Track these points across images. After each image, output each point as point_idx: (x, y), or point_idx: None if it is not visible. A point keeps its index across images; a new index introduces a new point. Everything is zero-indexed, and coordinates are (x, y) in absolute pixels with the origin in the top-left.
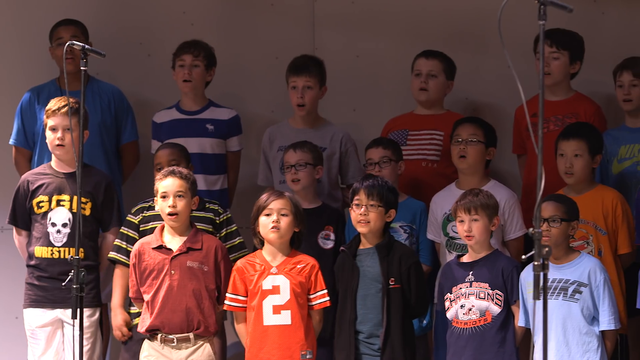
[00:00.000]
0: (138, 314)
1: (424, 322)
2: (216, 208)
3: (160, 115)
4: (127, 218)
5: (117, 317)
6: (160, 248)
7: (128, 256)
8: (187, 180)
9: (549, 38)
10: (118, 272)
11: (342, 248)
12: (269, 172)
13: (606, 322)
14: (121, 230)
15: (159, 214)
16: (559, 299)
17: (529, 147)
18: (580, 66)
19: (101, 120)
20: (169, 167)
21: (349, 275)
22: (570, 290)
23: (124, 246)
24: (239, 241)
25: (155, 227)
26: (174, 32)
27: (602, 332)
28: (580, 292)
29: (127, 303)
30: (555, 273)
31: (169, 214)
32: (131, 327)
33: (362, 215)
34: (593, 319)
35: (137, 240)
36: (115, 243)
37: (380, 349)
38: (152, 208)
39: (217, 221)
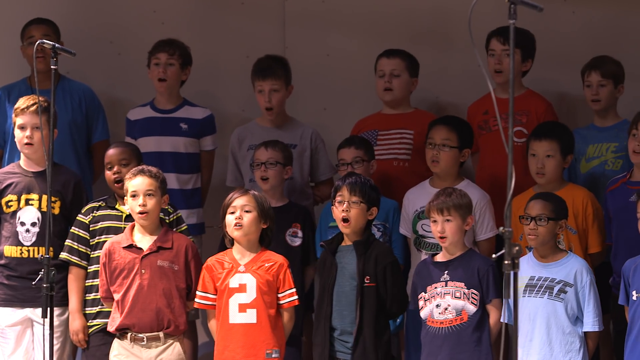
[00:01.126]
0: (93, 315)
1: (397, 320)
2: (166, 207)
3: (134, 112)
4: (78, 218)
5: (75, 322)
6: (131, 247)
7: (80, 257)
8: (157, 179)
9: (502, 35)
10: (72, 276)
11: (321, 243)
12: (238, 173)
13: (590, 323)
14: (72, 230)
15: (109, 214)
16: (544, 297)
17: (481, 145)
18: (532, 64)
19: (72, 119)
20: (119, 166)
21: (327, 271)
22: (555, 289)
23: (75, 247)
24: (187, 236)
25: (105, 226)
26: (145, 31)
27: (585, 332)
28: (566, 292)
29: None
30: (541, 271)
31: (139, 213)
32: (89, 333)
33: (344, 211)
34: (576, 319)
35: (87, 240)
36: (66, 243)
37: (352, 346)
38: (102, 208)
39: (167, 220)
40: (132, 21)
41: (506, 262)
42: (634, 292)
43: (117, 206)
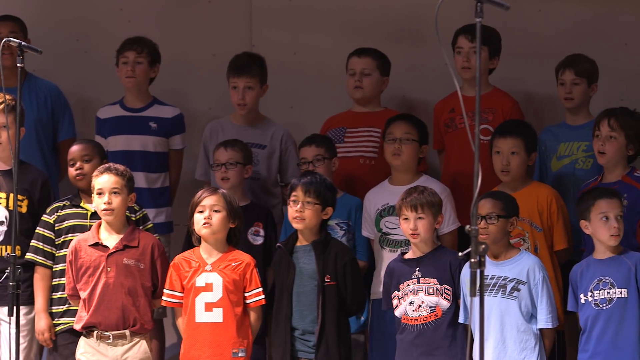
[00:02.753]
0: (60, 314)
1: (362, 318)
2: (132, 205)
3: (104, 111)
4: (43, 218)
5: (41, 322)
6: (97, 245)
7: (45, 257)
8: (124, 177)
9: (469, 33)
10: (37, 276)
11: (278, 244)
12: (207, 167)
13: (544, 320)
14: (37, 230)
15: (74, 212)
16: (498, 296)
17: (447, 143)
18: (498, 62)
19: (38, 118)
20: (82, 162)
21: (285, 272)
22: (508, 287)
23: (41, 247)
24: (153, 235)
25: (71, 225)
26: (111, 29)
27: (541, 330)
28: (519, 290)
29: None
30: (494, 270)
31: (104, 210)
32: (56, 332)
33: (298, 211)
34: (532, 317)
35: (53, 240)
36: (31, 244)
37: (315, 345)
38: (67, 207)
39: (134, 218)
40: (98, 19)
41: (472, 260)
42: (581, 296)
43: (81, 204)
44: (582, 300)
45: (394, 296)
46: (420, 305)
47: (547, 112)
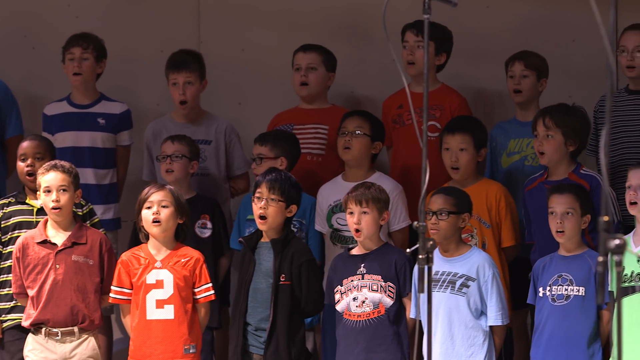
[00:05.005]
0: (7, 310)
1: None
2: (78, 201)
3: (50, 107)
4: None
5: None
6: (45, 242)
7: None
8: (70, 174)
9: (415, 27)
10: None
11: (240, 239)
12: (153, 167)
13: (494, 317)
14: None
15: (20, 209)
16: (447, 292)
17: (395, 139)
18: (447, 59)
19: None
20: (33, 159)
21: (245, 267)
22: (458, 283)
23: None
24: (102, 232)
25: (17, 222)
26: (59, 24)
27: (491, 327)
28: (468, 286)
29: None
30: (444, 266)
31: (53, 208)
32: (3, 329)
33: (262, 208)
34: (481, 313)
35: None
36: None
37: (265, 342)
38: (12, 204)
39: (80, 213)
40: (46, 15)
41: (420, 256)
42: (540, 289)
43: (27, 200)
44: (540, 294)
45: (337, 290)
46: (363, 302)
47: (497, 108)
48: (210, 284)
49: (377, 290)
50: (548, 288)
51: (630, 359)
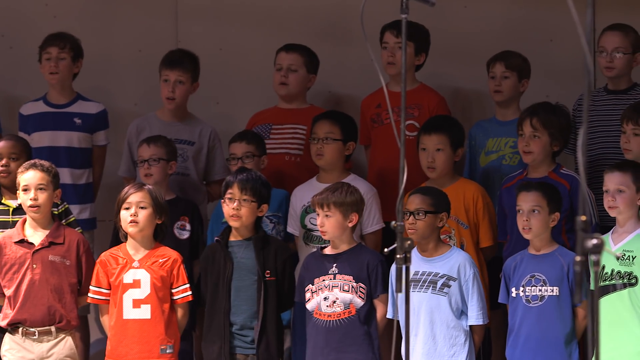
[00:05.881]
0: None
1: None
2: (56, 201)
3: (27, 107)
4: None
5: None
6: (22, 242)
7: None
8: (49, 174)
9: (395, 28)
10: None
11: (216, 238)
12: (131, 164)
13: (474, 316)
14: None
15: None
16: (428, 292)
17: (373, 138)
18: (425, 59)
19: None
20: (8, 159)
21: (221, 267)
22: (439, 283)
23: None
24: (78, 232)
25: None
26: (37, 24)
27: (471, 326)
28: (449, 286)
29: None
30: (424, 266)
31: (30, 207)
32: None
33: (235, 209)
34: (461, 313)
35: None
36: None
37: (253, 340)
38: None
39: (56, 212)
40: (24, 14)
41: (398, 256)
42: (513, 289)
43: (3, 201)
44: (513, 294)
45: (307, 289)
46: (334, 302)
47: (475, 108)
48: (187, 285)
49: (349, 291)
50: (521, 289)
51: (613, 357)
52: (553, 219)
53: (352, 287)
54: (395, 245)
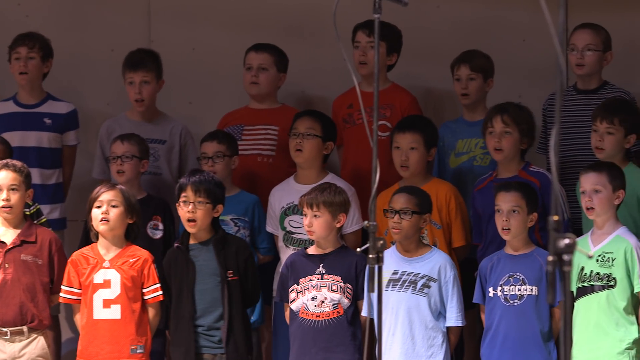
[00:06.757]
0: None
1: (252, 318)
2: (28, 201)
3: None
4: None
5: None
6: None
7: None
8: (21, 174)
9: (367, 28)
10: None
11: (176, 244)
12: (105, 166)
13: (453, 318)
14: None
15: None
16: (408, 292)
17: (345, 138)
18: (397, 59)
19: None
20: None
21: (183, 270)
22: (419, 284)
23: None
24: (50, 230)
25: None
26: (9, 23)
27: (448, 327)
28: (429, 287)
29: None
30: (405, 266)
31: (3, 207)
32: None
33: (190, 212)
34: (439, 314)
35: None
36: None
37: (220, 340)
38: None
39: (27, 213)
40: None
41: (371, 256)
42: (490, 289)
43: None
44: (491, 294)
45: (292, 289)
46: (323, 302)
47: (446, 107)
48: (158, 285)
49: (337, 291)
50: (499, 288)
51: (589, 359)
52: (531, 219)
53: (340, 287)
54: (367, 244)
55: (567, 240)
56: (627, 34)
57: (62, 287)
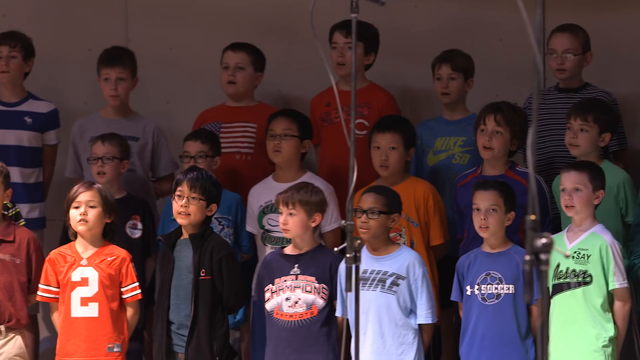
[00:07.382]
0: None
1: (237, 316)
2: (5, 202)
3: None
4: None
5: None
6: None
7: None
8: (0, 174)
9: (344, 28)
10: None
11: (159, 238)
12: (77, 165)
13: (424, 315)
14: None
15: None
16: (377, 290)
17: (323, 137)
18: (375, 58)
19: None
20: None
21: (165, 265)
22: (388, 282)
23: None
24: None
25: None
26: None
27: (420, 325)
28: (398, 285)
29: None
30: (374, 265)
31: None
32: None
33: (183, 206)
34: (410, 312)
35: None
36: None
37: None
38: None
39: (9, 214)
40: None
41: (348, 255)
42: (467, 287)
43: None
44: (468, 292)
45: (267, 289)
46: (296, 302)
47: (424, 107)
48: (137, 283)
49: (311, 292)
50: (477, 287)
51: (565, 355)
52: (509, 218)
53: (315, 287)
54: (344, 244)
55: (544, 240)
56: (604, 33)
57: (40, 285)
